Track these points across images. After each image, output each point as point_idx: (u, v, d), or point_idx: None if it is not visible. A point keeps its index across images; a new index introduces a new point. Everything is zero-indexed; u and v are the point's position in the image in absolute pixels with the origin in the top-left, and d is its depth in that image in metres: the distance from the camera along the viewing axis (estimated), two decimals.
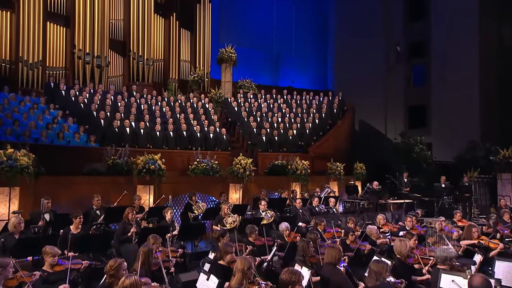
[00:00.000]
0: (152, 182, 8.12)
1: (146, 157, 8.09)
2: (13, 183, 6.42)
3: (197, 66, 18.08)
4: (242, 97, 16.49)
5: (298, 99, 17.22)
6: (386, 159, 17.20)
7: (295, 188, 11.05)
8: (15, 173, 6.38)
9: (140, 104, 13.29)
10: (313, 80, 22.41)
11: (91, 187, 7.50)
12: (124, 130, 11.07)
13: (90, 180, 7.79)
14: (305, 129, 14.23)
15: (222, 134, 12.87)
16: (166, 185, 8.46)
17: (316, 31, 22.53)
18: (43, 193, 6.82)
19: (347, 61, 20.67)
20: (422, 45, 18.86)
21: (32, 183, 6.61)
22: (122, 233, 6.23)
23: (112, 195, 7.66)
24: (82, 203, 7.25)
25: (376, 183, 11.15)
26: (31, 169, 6.59)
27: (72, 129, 11.01)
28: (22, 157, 6.52)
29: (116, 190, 7.80)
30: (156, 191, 8.14)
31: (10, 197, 6.43)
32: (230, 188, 9.67)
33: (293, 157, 12.27)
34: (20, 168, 6.40)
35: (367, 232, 6.03)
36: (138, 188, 8.11)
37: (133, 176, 8.01)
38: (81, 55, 14.71)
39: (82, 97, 12.17)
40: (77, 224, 5.80)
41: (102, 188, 7.64)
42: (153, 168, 8.02)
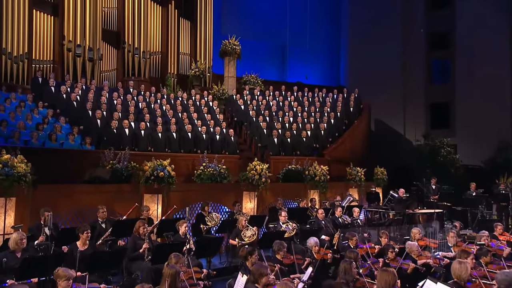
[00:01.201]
0: (161, 190, 7.99)
1: (154, 163, 7.95)
2: (9, 193, 6.27)
3: (197, 59, 17.93)
4: (248, 94, 16.36)
5: (310, 96, 17.13)
6: (407, 163, 17.16)
7: (313, 196, 10.94)
8: (12, 182, 6.23)
9: (138, 102, 13.15)
10: (324, 75, 22.32)
11: (93, 197, 7.37)
12: (122, 131, 10.93)
13: (92, 188, 7.65)
14: (319, 130, 14.14)
15: (229, 135, 12.75)
16: (175, 193, 8.34)
17: (327, 20, 22.40)
18: (41, 203, 6.67)
19: (362, 54, 20.54)
20: (446, 37, 18.77)
21: (30, 193, 6.46)
22: (133, 250, 6.11)
23: (116, 205, 7.53)
24: (84, 215, 7.11)
25: (402, 190, 11.07)
26: (29, 177, 6.44)
27: (65, 130, 10.86)
28: (19, 163, 6.36)
29: (121, 199, 7.67)
30: (165, 201, 8.00)
31: (5, 208, 6.27)
32: (244, 196, 9.54)
33: (308, 161, 12.19)
34: (17, 176, 6.25)
35: (407, 249, 5.92)
36: (145, 198, 7.97)
37: (140, 184, 7.87)
38: (71, 47, 14.55)
39: (74, 94, 12.00)
40: (84, 240, 5.66)
41: (106, 197, 7.51)
42: (162, 175, 7.88)
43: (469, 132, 17.19)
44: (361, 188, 12.26)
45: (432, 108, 19.02)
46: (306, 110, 15.61)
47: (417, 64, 19.26)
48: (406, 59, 19.35)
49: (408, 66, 19.33)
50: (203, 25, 18.28)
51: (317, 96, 17.12)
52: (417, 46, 19.19)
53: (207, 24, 18.41)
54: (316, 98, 16.89)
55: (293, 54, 22.29)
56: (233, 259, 7.42)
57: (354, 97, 16.83)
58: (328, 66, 22.70)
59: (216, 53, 18.36)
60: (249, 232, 7.32)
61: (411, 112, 19.27)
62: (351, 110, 16.22)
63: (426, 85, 19.25)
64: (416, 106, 19.13)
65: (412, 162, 16.91)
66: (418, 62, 19.27)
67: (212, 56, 18.52)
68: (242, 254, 5.15)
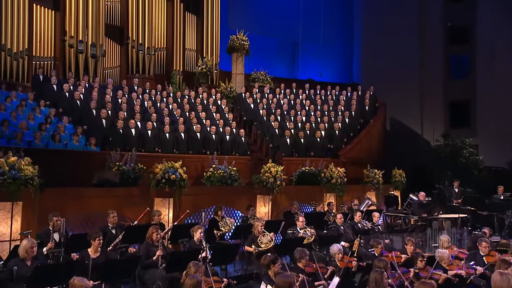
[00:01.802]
0: (172, 194, 7.97)
1: (166, 165, 7.92)
2: (16, 197, 6.26)
3: (204, 55, 17.92)
4: (257, 92, 16.31)
5: (323, 94, 17.05)
6: (425, 164, 17.05)
7: (329, 199, 10.87)
8: (19, 186, 6.23)
9: (144, 101, 13.15)
10: (336, 71, 22.21)
11: (102, 201, 7.37)
12: (129, 131, 10.93)
13: (102, 192, 7.65)
14: (334, 130, 14.08)
15: (240, 136, 12.72)
16: (186, 197, 8.32)
17: (339, 13, 22.26)
18: (48, 208, 6.67)
19: (376, 49, 20.41)
20: (466, 30, 18.62)
21: (37, 197, 6.46)
22: (146, 257, 6.07)
23: (126, 209, 7.53)
24: (93, 220, 7.09)
25: (423, 194, 10.98)
26: (37, 181, 6.44)
27: (68, 130, 10.86)
28: (26, 166, 6.36)
29: (131, 204, 7.67)
30: (176, 205, 7.98)
31: (12, 213, 6.27)
32: (257, 200, 9.50)
33: (322, 162, 12.14)
34: (25, 179, 6.25)
35: (438, 258, 5.84)
36: (155, 202, 7.95)
37: (151, 187, 7.85)
38: (73, 43, 14.56)
39: (78, 92, 12.01)
40: (96, 247, 5.64)
41: (115, 201, 7.50)
42: (174, 178, 7.86)
43: (491, 132, 17.05)
44: (379, 191, 12.17)
45: (452, 106, 18.89)
46: (319, 108, 15.54)
47: (435, 59, 19.14)
48: (423, 54, 19.22)
49: (426, 61, 19.21)
50: (209, 19, 18.26)
51: (330, 94, 17.03)
52: (435, 40, 19.03)
53: (214, 18, 18.39)
54: (329, 96, 16.81)
55: (303, 50, 22.21)
56: (248, 267, 7.37)
57: (369, 94, 16.74)
58: (340, 62, 22.57)
59: (223, 49, 18.35)
60: (265, 239, 7.27)
61: (429, 110, 19.17)
62: (367, 109, 16.13)
63: (444, 82, 19.13)
64: (434, 104, 19.02)
65: (430, 163, 16.80)
66: (436, 57, 19.15)
67: (219, 52, 18.52)
68: (264, 262, 5.10)
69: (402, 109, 19.41)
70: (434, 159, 16.33)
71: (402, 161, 15.51)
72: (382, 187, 12.29)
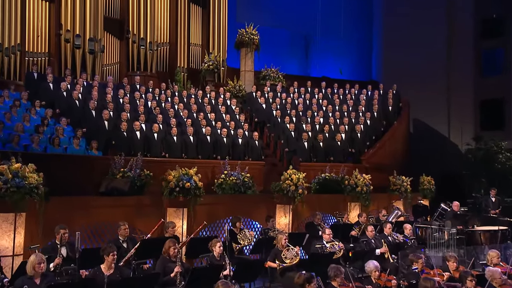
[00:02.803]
0: (186, 204, 7.93)
1: (179, 172, 7.89)
2: (20, 207, 6.23)
3: (211, 51, 17.91)
4: (270, 90, 16.28)
5: (341, 93, 17.00)
6: (453, 170, 16.95)
7: (354, 209, 10.80)
8: (23, 195, 6.19)
9: (147, 101, 13.14)
10: (352, 67, 22.13)
11: (111, 211, 7.36)
12: (133, 134, 10.91)
13: (110, 201, 7.62)
14: (356, 132, 14.02)
15: (253, 139, 12.68)
16: (200, 207, 8.28)
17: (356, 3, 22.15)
18: (53, 219, 6.64)
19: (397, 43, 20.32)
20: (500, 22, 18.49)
21: (42, 207, 6.43)
22: (163, 274, 6.02)
23: (136, 220, 7.50)
24: (101, 232, 7.06)
25: (457, 203, 10.89)
26: (42, 189, 6.40)
27: (67, 132, 10.85)
28: (31, 173, 6.32)
29: (141, 214, 7.64)
30: (192, 216, 7.94)
31: (15, 225, 6.23)
32: (277, 210, 9.46)
33: (344, 168, 12.08)
34: (29, 188, 6.21)
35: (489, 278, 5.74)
36: (168, 212, 7.92)
37: (163, 196, 7.82)
38: (69, 37, 14.59)
39: (76, 92, 12.00)
40: (110, 263, 5.58)
41: (125, 212, 7.48)
42: (189, 186, 7.82)
43: None
44: (408, 200, 12.10)
45: (483, 106, 18.76)
46: (337, 109, 15.49)
47: (465, 53, 18.99)
48: (451, 48, 19.09)
49: (454, 56, 19.07)
50: (216, 11, 18.31)
51: (349, 93, 16.97)
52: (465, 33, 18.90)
53: (221, 10, 18.44)
54: (348, 95, 16.75)
55: (317, 44, 22.17)
56: (271, 284, 7.31)
57: (392, 93, 16.67)
58: (357, 58, 22.50)
59: (231, 44, 18.35)
60: (290, 253, 7.20)
61: (457, 110, 19.04)
62: (390, 109, 16.07)
63: (475, 78, 19.01)
64: (463, 103, 18.89)
65: (460, 169, 16.71)
66: (465, 51, 19.00)
67: (226, 48, 18.52)
68: (298, 281, 5.04)
69: (427, 109, 19.30)
70: (464, 164, 16.21)
71: (427, 166, 15.41)
72: (410, 196, 12.20)
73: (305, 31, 22.45)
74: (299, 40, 22.64)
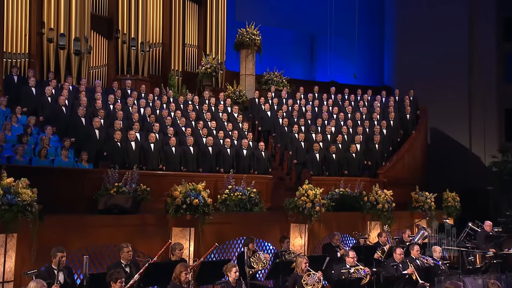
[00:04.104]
0: (194, 223, 7.88)
1: (186, 187, 7.84)
2: (11, 228, 6.13)
3: (208, 53, 17.95)
4: (274, 96, 16.31)
5: (353, 100, 17.07)
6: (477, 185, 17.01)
7: (374, 229, 10.79)
8: (16, 213, 6.09)
9: (140, 108, 13.11)
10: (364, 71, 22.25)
11: (111, 231, 7.32)
12: (128, 145, 10.87)
13: (110, 221, 7.56)
14: (372, 143, 14.05)
15: (259, 150, 12.68)
16: (207, 226, 8.22)
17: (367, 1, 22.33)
18: (48, 240, 6.55)
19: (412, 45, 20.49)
20: None
21: (36, 227, 6.33)
22: None
23: (138, 241, 7.45)
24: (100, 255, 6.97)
25: (489, 223, 10.90)
26: (36, 207, 6.31)
27: (53, 143, 10.77)
28: (24, 189, 6.24)
29: (144, 235, 7.57)
30: (200, 236, 7.89)
31: (6, 248, 6.12)
32: (292, 230, 9.43)
33: (360, 182, 12.09)
34: (22, 205, 6.12)
35: None
36: (173, 232, 7.86)
37: (169, 215, 7.75)
38: (52, 36, 14.54)
39: (63, 97, 11.94)
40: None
41: (126, 232, 7.44)
42: (197, 202, 7.77)
43: None
44: (433, 219, 12.11)
45: (508, 114, 18.90)
46: (349, 117, 15.55)
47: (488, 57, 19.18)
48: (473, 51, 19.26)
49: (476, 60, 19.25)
50: (214, 9, 18.43)
51: (362, 100, 17.05)
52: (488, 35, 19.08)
53: (219, 8, 18.54)
54: (360, 102, 16.83)
55: (324, 45, 22.28)
56: None
57: (409, 100, 16.77)
58: (368, 61, 22.64)
59: (230, 45, 18.40)
60: (311, 279, 7.17)
61: (479, 119, 19.19)
62: (408, 117, 16.15)
63: (499, 84, 19.18)
64: (486, 112, 19.04)
65: (484, 184, 16.78)
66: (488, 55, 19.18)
67: (225, 49, 18.57)
68: None
69: (446, 117, 19.42)
70: (489, 179, 16.29)
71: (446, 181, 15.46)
72: (434, 214, 12.22)
73: (311, 31, 22.62)
74: (304, 41, 22.82)
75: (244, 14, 19.83)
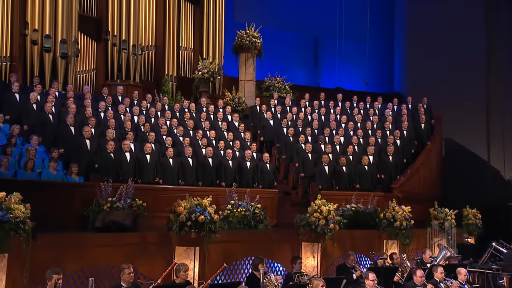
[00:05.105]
0: (199, 242, 7.84)
1: (191, 202, 7.80)
2: (3, 247, 6.06)
3: (204, 56, 17.99)
4: (277, 104, 16.33)
5: (362, 108, 17.10)
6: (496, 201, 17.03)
7: (391, 248, 10.76)
8: (8, 232, 6.02)
9: (133, 116, 13.10)
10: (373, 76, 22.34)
11: (110, 251, 7.25)
12: (122, 156, 10.82)
13: (108, 239, 7.50)
14: (386, 155, 14.07)
15: (264, 161, 12.67)
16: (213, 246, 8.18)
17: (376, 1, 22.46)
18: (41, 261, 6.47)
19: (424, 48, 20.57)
20: None
21: (29, 247, 6.27)
22: None
23: (138, 262, 7.37)
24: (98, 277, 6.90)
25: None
26: (29, 225, 6.24)
27: (40, 154, 10.71)
28: (17, 205, 6.17)
29: (145, 254, 7.52)
30: (206, 256, 7.84)
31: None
32: (303, 249, 9.39)
33: (373, 197, 12.08)
34: (15, 222, 6.05)
35: None
36: (176, 252, 7.80)
37: (173, 232, 7.70)
38: (36, 38, 14.51)
39: (49, 104, 11.89)
40: None
41: (126, 252, 7.38)
42: (202, 219, 7.72)
43: None
44: (454, 237, 12.11)
45: None
46: (359, 126, 15.57)
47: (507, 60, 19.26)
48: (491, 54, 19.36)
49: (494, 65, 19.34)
50: (211, 9, 18.58)
51: (372, 108, 17.08)
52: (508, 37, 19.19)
53: (216, 8, 18.65)
54: (371, 111, 16.85)
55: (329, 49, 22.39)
56: None
57: (423, 109, 16.82)
58: (376, 66, 22.73)
59: (228, 48, 18.45)
60: None
61: (499, 129, 19.25)
62: (422, 127, 16.20)
63: None
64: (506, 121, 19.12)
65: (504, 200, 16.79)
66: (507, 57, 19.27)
67: (223, 53, 18.63)
68: None
69: (461, 127, 19.47)
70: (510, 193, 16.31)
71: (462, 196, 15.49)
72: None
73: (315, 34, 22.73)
74: (308, 44, 22.89)
75: (244, 15, 19.91)
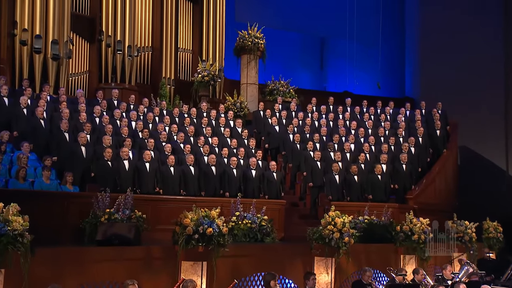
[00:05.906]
0: (207, 256, 7.81)
1: (198, 214, 7.78)
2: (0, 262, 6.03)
3: (204, 58, 18.04)
4: (282, 109, 16.34)
5: (372, 113, 17.10)
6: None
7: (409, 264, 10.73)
8: (6, 245, 5.99)
9: (131, 121, 13.12)
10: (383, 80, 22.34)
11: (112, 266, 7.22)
12: (121, 164, 10.82)
13: (109, 253, 7.48)
14: (399, 163, 14.08)
15: (271, 170, 12.67)
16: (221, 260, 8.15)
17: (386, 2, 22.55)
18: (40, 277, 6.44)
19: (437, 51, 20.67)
20: None
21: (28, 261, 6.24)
22: None
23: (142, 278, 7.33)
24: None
25: None
26: (27, 238, 6.21)
27: (31, 162, 10.71)
28: (15, 216, 6.14)
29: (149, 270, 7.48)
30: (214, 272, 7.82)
31: None
32: (316, 265, 9.36)
33: (387, 209, 12.07)
34: (13, 235, 6.02)
35: None
36: (183, 267, 7.78)
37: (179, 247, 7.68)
38: (26, 38, 14.56)
39: (40, 108, 11.90)
40: None
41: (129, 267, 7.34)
42: (211, 232, 7.70)
43: None
44: (474, 252, 12.08)
45: None
46: (371, 133, 15.58)
47: None
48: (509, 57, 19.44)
49: None
50: (211, 8, 18.75)
51: (384, 113, 17.09)
52: None
53: (217, 7, 18.77)
54: (382, 116, 16.86)
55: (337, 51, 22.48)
56: None
57: (438, 114, 16.83)
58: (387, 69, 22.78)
59: (229, 50, 18.50)
60: None
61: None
62: (438, 134, 16.21)
63: None
64: None
65: None
66: None
67: (224, 54, 18.69)
68: None
69: (477, 134, 19.51)
70: None
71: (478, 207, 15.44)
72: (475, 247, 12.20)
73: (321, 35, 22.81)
74: (313, 46, 22.98)
75: (245, 14, 20.00)
